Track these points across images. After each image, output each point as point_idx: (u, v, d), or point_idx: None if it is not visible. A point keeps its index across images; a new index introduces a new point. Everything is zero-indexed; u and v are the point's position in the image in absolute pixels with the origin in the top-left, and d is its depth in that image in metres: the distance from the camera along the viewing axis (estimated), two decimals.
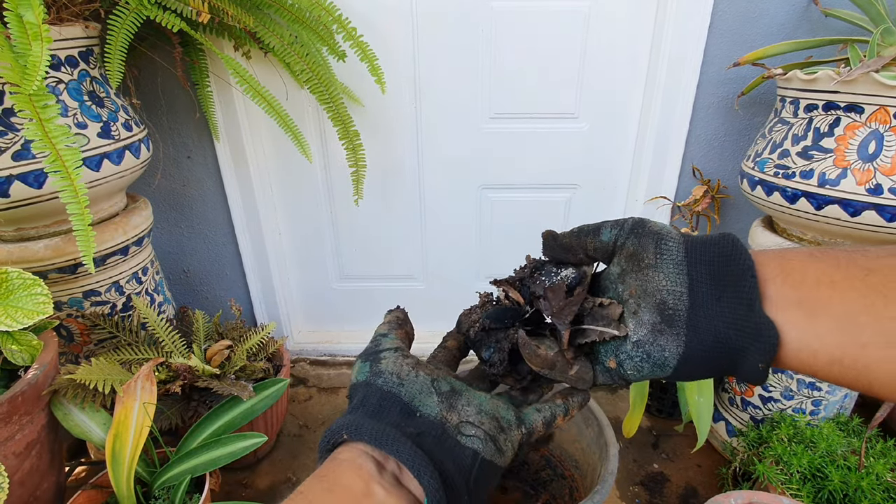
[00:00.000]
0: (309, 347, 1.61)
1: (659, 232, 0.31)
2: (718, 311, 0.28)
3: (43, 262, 0.94)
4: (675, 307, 0.29)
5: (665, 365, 0.30)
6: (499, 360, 0.36)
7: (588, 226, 0.35)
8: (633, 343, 0.30)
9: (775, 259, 0.29)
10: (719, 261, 0.29)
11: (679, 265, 0.30)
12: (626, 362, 0.31)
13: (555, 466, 1.04)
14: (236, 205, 1.36)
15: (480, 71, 1.27)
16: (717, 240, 0.30)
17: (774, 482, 0.94)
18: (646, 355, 0.30)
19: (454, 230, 1.49)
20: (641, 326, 0.30)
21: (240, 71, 1.02)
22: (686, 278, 0.29)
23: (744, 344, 0.27)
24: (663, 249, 0.30)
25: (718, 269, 0.29)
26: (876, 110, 0.84)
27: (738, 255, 0.29)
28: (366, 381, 0.34)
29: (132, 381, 0.85)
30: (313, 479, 0.31)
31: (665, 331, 0.29)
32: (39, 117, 0.69)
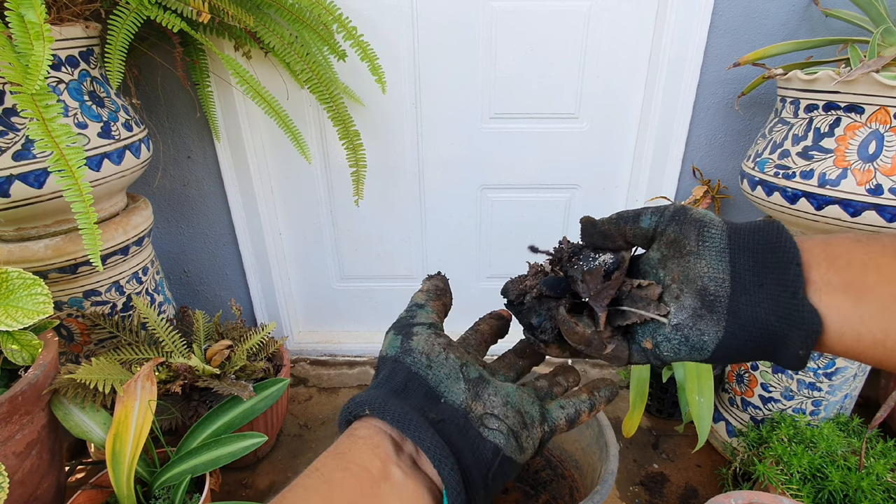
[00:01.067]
0: (309, 347, 1.61)
1: (701, 219, 0.31)
2: (761, 298, 0.28)
3: (43, 262, 0.94)
4: (717, 293, 0.29)
5: (703, 349, 0.30)
6: (550, 327, 0.36)
7: (627, 212, 0.35)
8: (672, 326, 0.31)
9: (820, 244, 0.29)
10: (763, 248, 0.29)
11: (722, 252, 0.30)
12: (664, 344, 0.31)
13: (555, 466, 1.04)
14: (236, 205, 1.36)
15: (481, 71, 1.27)
16: (762, 227, 0.30)
17: (775, 482, 0.94)
18: (684, 338, 0.30)
19: (454, 230, 1.49)
20: (682, 311, 0.30)
21: (240, 71, 1.02)
22: (728, 265, 0.29)
23: (786, 331, 0.28)
24: (706, 236, 0.30)
25: (762, 256, 0.29)
26: (876, 110, 0.84)
27: (783, 243, 0.29)
28: (394, 357, 0.34)
29: (132, 381, 0.85)
30: (329, 456, 0.30)
31: (705, 316, 0.30)
32: (42, 117, 0.69)
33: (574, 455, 0.98)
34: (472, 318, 0.49)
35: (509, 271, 1.55)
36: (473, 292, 1.59)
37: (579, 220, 0.37)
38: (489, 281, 1.57)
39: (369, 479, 0.28)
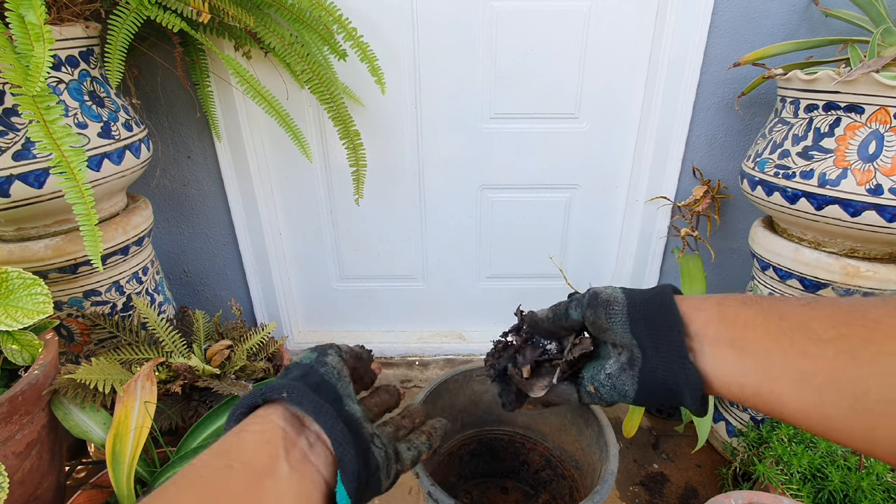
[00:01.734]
0: None
1: (607, 300, 0.38)
2: (658, 361, 0.35)
3: (43, 262, 0.94)
4: (636, 355, 0.36)
5: (626, 396, 0.37)
6: (508, 400, 0.44)
7: (559, 309, 0.41)
8: (606, 374, 0.38)
9: (716, 305, 0.34)
10: (654, 317, 0.35)
11: (624, 325, 0.36)
12: (601, 388, 0.38)
13: (555, 466, 1.04)
14: (236, 205, 1.36)
15: (481, 71, 1.27)
16: (653, 297, 0.36)
17: (775, 482, 0.94)
18: (613, 386, 0.37)
19: (454, 230, 1.49)
20: (615, 364, 0.37)
21: (240, 71, 1.02)
22: (630, 335, 0.36)
23: (680, 388, 0.34)
24: (611, 313, 0.37)
25: (653, 325, 0.35)
26: (876, 110, 0.84)
27: (667, 312, 0.35)
28: (310, 364, 0.39)
29: (132, 381, 0.85)
30: (211, 455, 0.31)
31: (627, 371, 0.37)
32: (43, 118, 0.69)
33: (574, 455, 0.98)
34: (473, 318, 0.52)
35: (509, 271, 1.55)
36: (473, 292, 1.59)
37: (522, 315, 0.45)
38: (489, 281, 1.57)
39: (252, 476, 0.29)
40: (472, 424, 1.06)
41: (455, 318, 1.64)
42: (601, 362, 0.39)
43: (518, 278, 1.57)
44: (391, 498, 1.14)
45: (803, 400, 0.29)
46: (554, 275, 1.50)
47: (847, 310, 0.29)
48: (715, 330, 0.33)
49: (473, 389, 1.02)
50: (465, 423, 1.05)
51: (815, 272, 0.98)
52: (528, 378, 0.42)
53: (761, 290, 1.13)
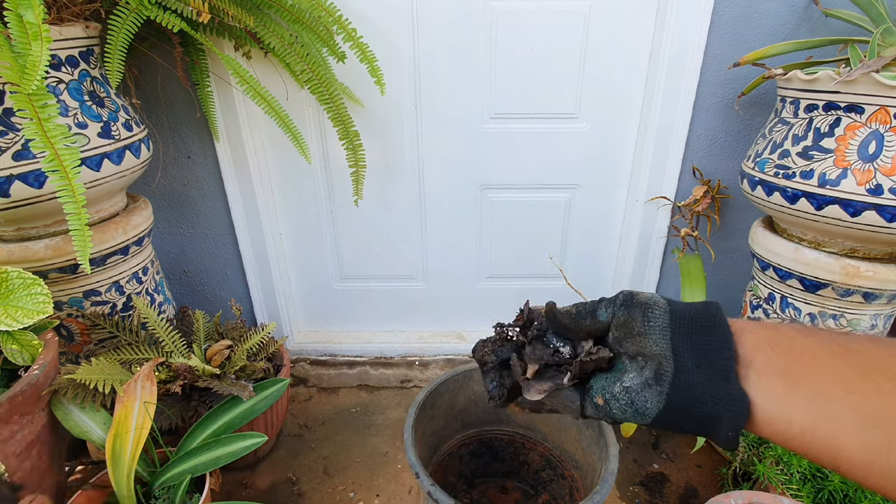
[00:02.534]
0: (309, 347, 1.61)
1: (646, 302, 0.34)
2: (698, 379, 0.31)
3: (43, 262, 0.94)
4: (666, 369, 0.32)
5: (645, 414, 0.33)
6: (498, 394, 0.40)
7: (585, 307, 0.37)
8: (623, 387, 0.34)
9: (768, 329, 0.31)
10: (700, 330, 0.32)
11: (664, 331, 0.32)
12: (612, 402, 0.34)
13: (555, 466, 1.04)
14: (236, 205, 1.36)
15: (481, 71, 1.27)
16: (701, 310, 0.33)
17: (774, 482, 0.94)
18: (630, 401, 0.33)
19: (454, 230, 1.49)
20: (637, 378, 0.33)
21: (240, 71, 1.02)
22: (669, 344, 0.32)
23: (718, 411, 0.30)
24: (650, 317, 0.33)
25: (700, 340, 0.31)
26: (876, 110, 0.84)
27: (717, 327, 0.31)
28: None
29: (132, 381, 0.85)
30: None
31: (653, 386, 0.32)
32: (38, 117, 0.69)
33: (574, 455, 0.98)
34: (473, 318, 0.51)
35: (509, 271, 1.55)
36: (473, 292, 1.59)
37: (544, 306, 0.40)
38: (489, 281, 1.57)
39: None
40: (472, 424, 1.06)
41: (455, 318, 1.63)
42: (616, 374, 0.35)
43: (518, 278, 1.57)
44: (391, 498, 1.15)
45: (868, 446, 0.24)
46: (554, 275, 1.50)
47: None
48: (765, 356, 0.30)
49: (473, 389, 1.02)
50: (465, 423, 1.05)
51: (815, 272, 0.98)
52: (530, 378, 0.38)
53: (761, 290, 1.13)
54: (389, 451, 1.27)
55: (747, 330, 0.31)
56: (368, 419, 1.38)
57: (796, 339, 0.29)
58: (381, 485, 1.18)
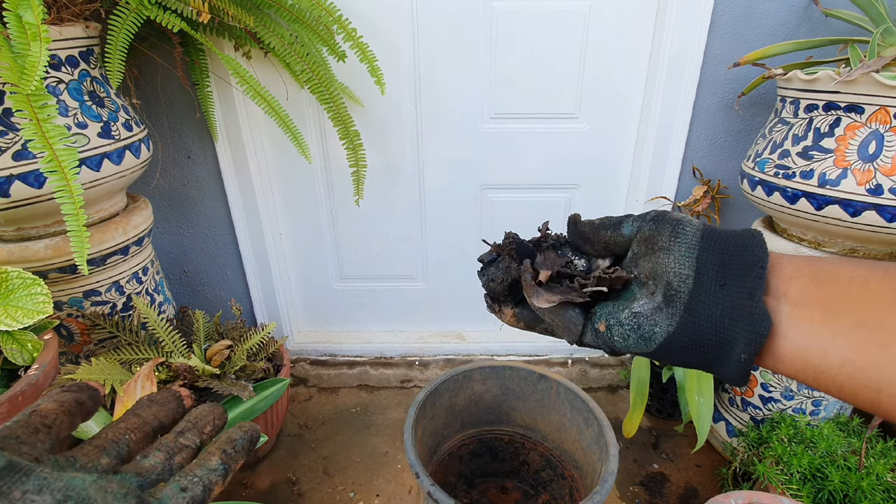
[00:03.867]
0: (309, 347, 1.61)
1: (679, 218, 0.31)
2: (719, 298, 0.28)
3: (43, 262, 0.94)
4: (679, 289, 0.29)
5: (651, 340, 0.29)
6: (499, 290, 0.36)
7: (611, 218, 0.34)
8: (631, 312, 0.30)
9: (807, 260, 0.28)
10: (733, 250, 0.28)
11: (691, 249, 0.29)
12: (615, 328, 0.31)
13: (555, 466, 1.04)
14: (236, 205, 1.36)
15: (481, 71, 1.27)
16: (738, 231, 0.30)
17: (774, 482, 0.94)
18: (636, 325, 0.30)
19: (454, 230, 1.49)
20: (648, 304, 0.30)
21: (240, 71, 1.02)
22: (694, 262, 0.29)
23: (734, 331, 0.27)
24: (679, 233, 0.30)
25: (730, 257, 0.28)
26: (876, 110, 0.84)
27: (752, 246, 0.28)
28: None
29: (132, 381, 0.85)
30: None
31: (662, 309, 0.29)
32: (37, 117, 0.69)
33: (574, 455, 0.98)
34: (473, 318, 0.49)
35: None
36: (473, 292, 1.59)
37: (568, 217, 0.37)
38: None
39: None
40: (472, 424, 1.06)
41: (455, 318, 1.63)
42: (624, 302, 0.32)
43: None
44: (391, 498, 1.15)
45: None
46: None
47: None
48: (802, 286, 0.26)
49: (473, 389, 1.02)
50: (464, 423, 1.05)
51: None
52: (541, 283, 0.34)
53: None
54: (389, 451, 1.27)
55: (785, 260, 0.28)
56: (368, 419, 1.38)
57: (844, 268, 0.26)
58: (381, 485, 1.18)
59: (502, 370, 1.02)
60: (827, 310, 0.25)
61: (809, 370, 0.26)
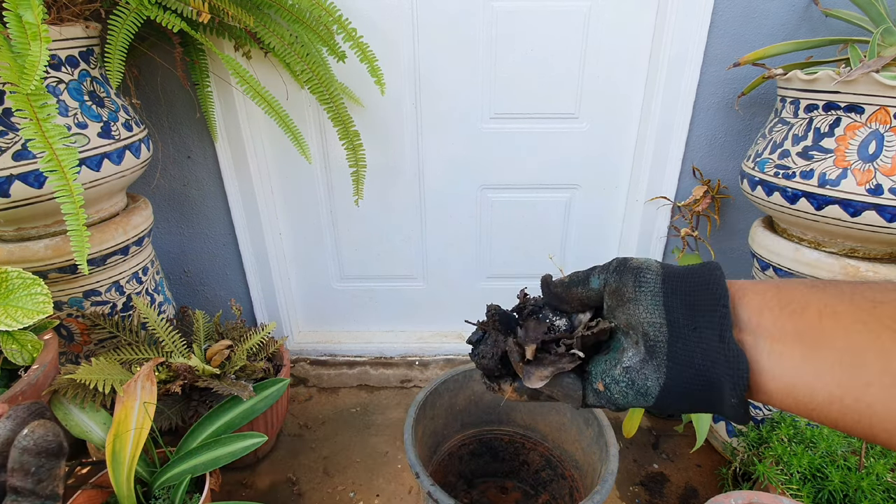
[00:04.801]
0: (309, 347, 1.61)
1: (639, 266, 0.31)
2: (695, 342, 0.28)
3: (43, 262, 0.94)
4: (657, 338, 0.29)
5: (647, 394, 0.30)
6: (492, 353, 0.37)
7: (578, 275, 0.35)
8: (623, 368, 0.31)
9: (773, 288, 0.28)
10: (696, 290, 0.29)
11: (656, 296, 0.30)
12: (613, 386, 0.31)
13: (555, 466, 1.04)
14: (236, 205, 1.36)
15: (481, 71, 1.27)
16: (696, 269, 0.30)
17: (774, 482, 0.94)
18: (631, 382, 0.30)
19: (454, 230, 1.49)
20: (636, 356, 0.31)
21: (240, 71, 1.02)
22: (663, 309, 0.29)
23: (718, 377, 0.27)
24: (641, 282, 0.31)
25: (694, 298, 0.28)
26: (876, 110, 0.84)
27: (713, 284, 0.28)
28: None
29: (132, 381, 0.85)
30: None
31: (649, 361, 0.30)
32: (37, 117, 0.69)
33: (574, 455, 0.98)
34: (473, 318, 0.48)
35: (509, 271, 1.55)
36: (473, 292, 1.59)
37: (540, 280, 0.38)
38: (489, 281, 1.57)
39: None
40: (472, 424, 1.06)
41: (455, 318, 1.63)
42: (614, 355, 0.32)
43: (518, 278, 1.57)
44: (391, 498, 1.15)
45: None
46: (554, 275, 1.50)
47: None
48: (774, 318, 0.26)
49: (473, 389, 1.02)
50: (464, 423, 1.05)
51: (816, 272, 0.97)
52: (529, 362, 0.34)
53: None
54: (389, 451, 1.27)
55: (751, 290, 0.28)
56: (368, 419, 1.38)
57: (811, 297, 0.26)
58: (381, 485, 1.18)
59: None
60: (805, 346, 0.25)
61: (801, 407, 0.26)
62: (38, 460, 0.31)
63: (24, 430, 0.31)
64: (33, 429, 0.31)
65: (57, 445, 0.32)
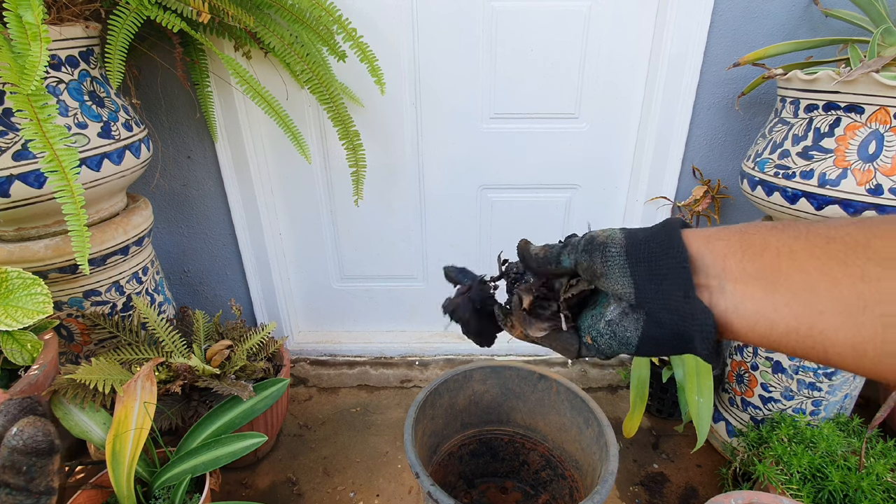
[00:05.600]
0: (309, 347, 1.61)
1: (604, 242, 0.34)
2: (662, 302, 0.31)
3: (43, 262, 0.94)
4: (631, 301, 0.33)
5: (629, 343, 0.33)
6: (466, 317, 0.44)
7: (552, 252, 0.37)
8: (605, 321, 0.34)
9: (737, 233, 0.30)
10: (658, 256, 0.31)
11: (623, 268, 0.32)
12: (598, 338, 0.35)
13: (555, 466, 1.04)
14: (236, 205, 1.36)
15: (481, 71, 1.27)
16: (657, 232, 0.32)
17: (774, 482, 0.94)
18: (613, 333, 0.34)
19: (454, 230, 1.49)
20: (617, 310, 0.34)
21: (240, 71, 1.02)
22: (630, 279, 0.32)
23: (687, 329, 0.30)
24: (607, 256, 0.33)
25: (657, 264, 0.31)
26: (876, 110, 0.84)
27: (673, 248, 0.31)
28: None
29: (132, 381, 0.85)
30: None
31: (629, 314, 0.33)
32: (37, 117, 0.69)
33: (574, 455, 0.98)
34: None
35: None
36: None
37: (517, 246, 0.41)
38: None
39: None
40: (472, 424, 1.06)
41: None
42: (599, 310, 0.35)
43: None
44: (391, 498, 1.15)
45: (858, 335, 0.24)
46: None
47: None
48: (738, 262, 0.29)
49: (473, 389, 1.02)
50: (465, 423, 1.05)
51: None
52: (528, 312, 0.38)
53: None
54: (389, 451, 1.27)
55: (716, 237, 0.30)
56: (368, 419, 1.38)
57: (770, 238, 0.28)
58: (381, 485, 1.18)
59: (502, 370, 1.02)
60: (765, 284, 0.28)
61: (764, 340, 0.28)
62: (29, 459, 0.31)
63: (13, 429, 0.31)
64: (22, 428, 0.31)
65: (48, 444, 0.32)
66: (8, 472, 0.30)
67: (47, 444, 0.32)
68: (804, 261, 0.26)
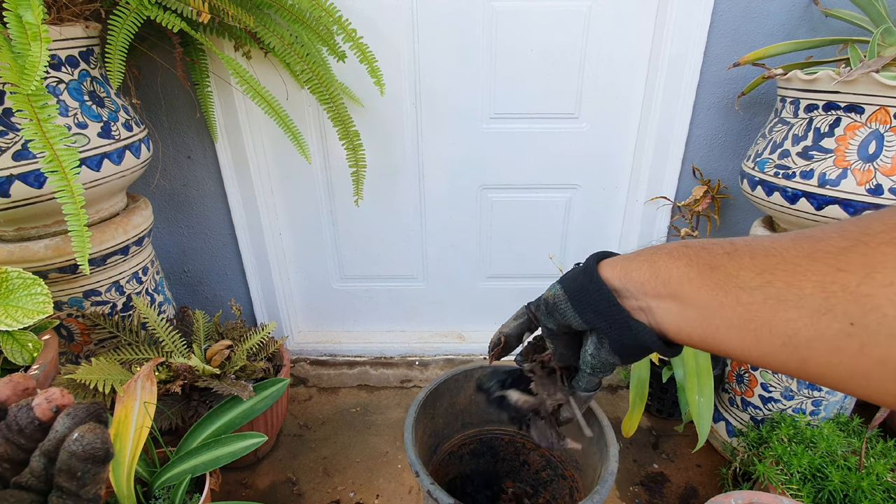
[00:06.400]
0: (309, 347, 1.61)
1: (554, 304, 0.43)
2: (616, 334, 0.39)
3: (43, 262, 0.94)
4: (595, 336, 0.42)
5: (614, 364, 0.43)
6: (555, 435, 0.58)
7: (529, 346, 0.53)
8: (590, 355, 0.43)
9: (646, 264, 0.37)
10: (595, 300, 0.39)
11: (576, 317, 0.41)
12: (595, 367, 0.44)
13: (555, 466, 1.04)
14: (236, 205, 1.36)
15: (481, 71, 1.27)
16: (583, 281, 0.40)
17: (775, 482, 0.94)
18: (601, 361, 0.43)
19: (454, 230, 1.49)
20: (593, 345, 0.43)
21: (240, 71, 1.02)
22: (584, 323, 0.41)
23: (646, 344, 0.38)
24: (564, 313, 0.42)
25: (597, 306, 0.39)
26: (876, 110, 0.84)
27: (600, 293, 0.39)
28: None
29: (132, 381, 0.85)
30: None
31: (600, 339, 0.42)
32: (37, 117, 0.69)
33: (574, 455, 0.98)
34: (473, 318, 0.54)
35: (509, 271, 1.55)
36: (473, 292, 1.59)
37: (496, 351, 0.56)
38: (489, 281, 1.57)
39: None
40: (472, 424, 1.06)
41: (455, 318, 1.63)
42: (584, 349, 0.44)
43: (518, 278, 1.57)
44: (391, 498, 1.15)
45: (743, 342, 0.31)
46: (554, 275, 1.50)
47: (765, 254, 0.30)
48: (653, 287, 0.36)
49: (474, 389, 1.02)
50: (465, 422, 1.05)
51: None
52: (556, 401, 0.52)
53: None
54: (389, 451, 1.27)
55: (632, 270, 0.38)
56: (368, 419, 1.38)
57: (672, 268, 0.35)
58: (381, 485, 1.18)
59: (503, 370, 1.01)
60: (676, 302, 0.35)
61: (691, 344, 0.36)
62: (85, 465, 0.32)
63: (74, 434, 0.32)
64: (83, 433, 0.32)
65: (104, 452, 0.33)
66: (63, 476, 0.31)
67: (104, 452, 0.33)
68: (698, 288, 0.33)
